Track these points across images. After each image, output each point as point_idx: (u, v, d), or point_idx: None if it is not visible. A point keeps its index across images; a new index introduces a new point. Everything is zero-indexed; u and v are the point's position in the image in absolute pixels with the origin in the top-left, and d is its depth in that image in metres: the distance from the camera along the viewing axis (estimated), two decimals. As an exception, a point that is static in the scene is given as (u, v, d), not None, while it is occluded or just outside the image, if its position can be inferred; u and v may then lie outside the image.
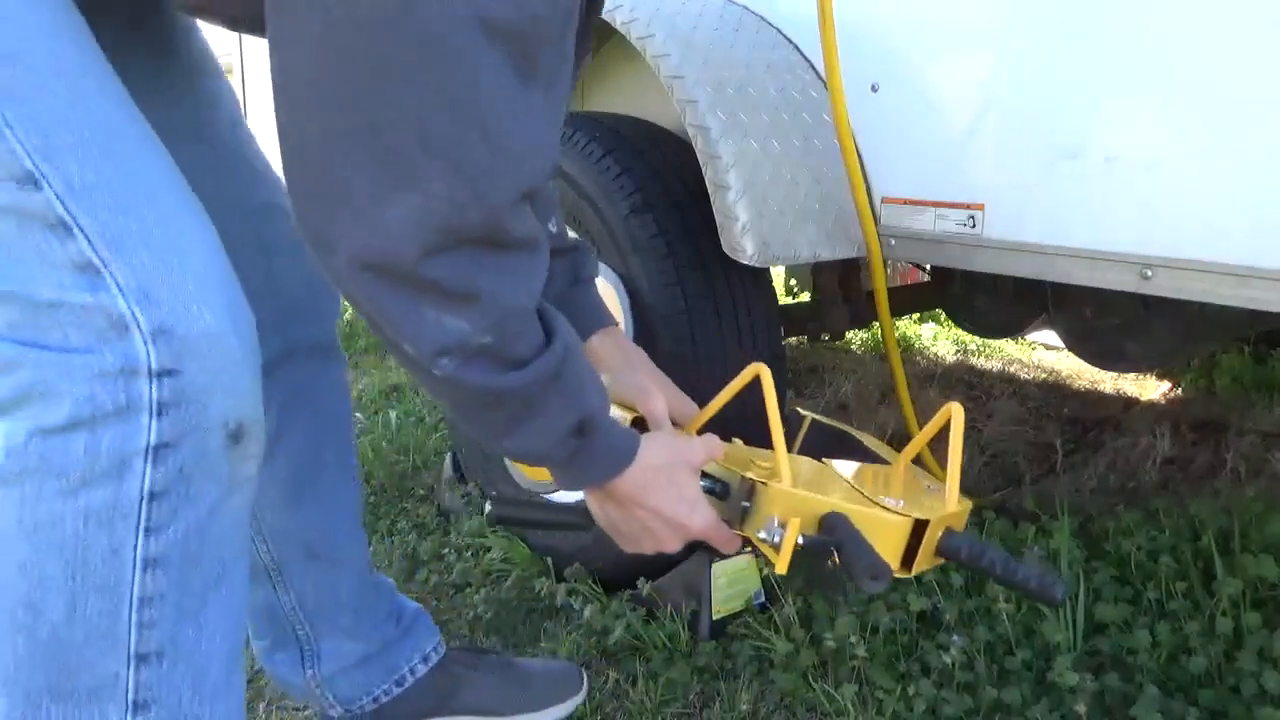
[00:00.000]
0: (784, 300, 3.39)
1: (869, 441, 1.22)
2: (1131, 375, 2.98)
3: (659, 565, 1.55)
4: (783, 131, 1.44)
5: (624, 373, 1.10)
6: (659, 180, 1.54)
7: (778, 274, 3.50)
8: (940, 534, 0.96)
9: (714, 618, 1.50)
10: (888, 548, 0.95)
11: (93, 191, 0.72)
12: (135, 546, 0.75)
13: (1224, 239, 1.12)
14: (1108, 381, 2.98)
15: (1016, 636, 1.39)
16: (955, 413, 1.04)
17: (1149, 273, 1.18)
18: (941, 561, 1.00)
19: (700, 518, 0.95)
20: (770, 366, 1.07)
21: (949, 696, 1.29)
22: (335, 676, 1.24)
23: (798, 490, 0.96)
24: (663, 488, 0.93)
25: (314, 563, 1.19)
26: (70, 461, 0.72)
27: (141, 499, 0.74)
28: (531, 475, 1.76)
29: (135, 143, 0.76)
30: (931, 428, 1.12)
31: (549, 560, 1.74)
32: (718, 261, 1.46)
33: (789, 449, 1.04)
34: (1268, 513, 1.57)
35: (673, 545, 0.97)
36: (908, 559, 0.97)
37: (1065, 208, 1.26)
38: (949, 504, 1.00)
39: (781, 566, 0.93)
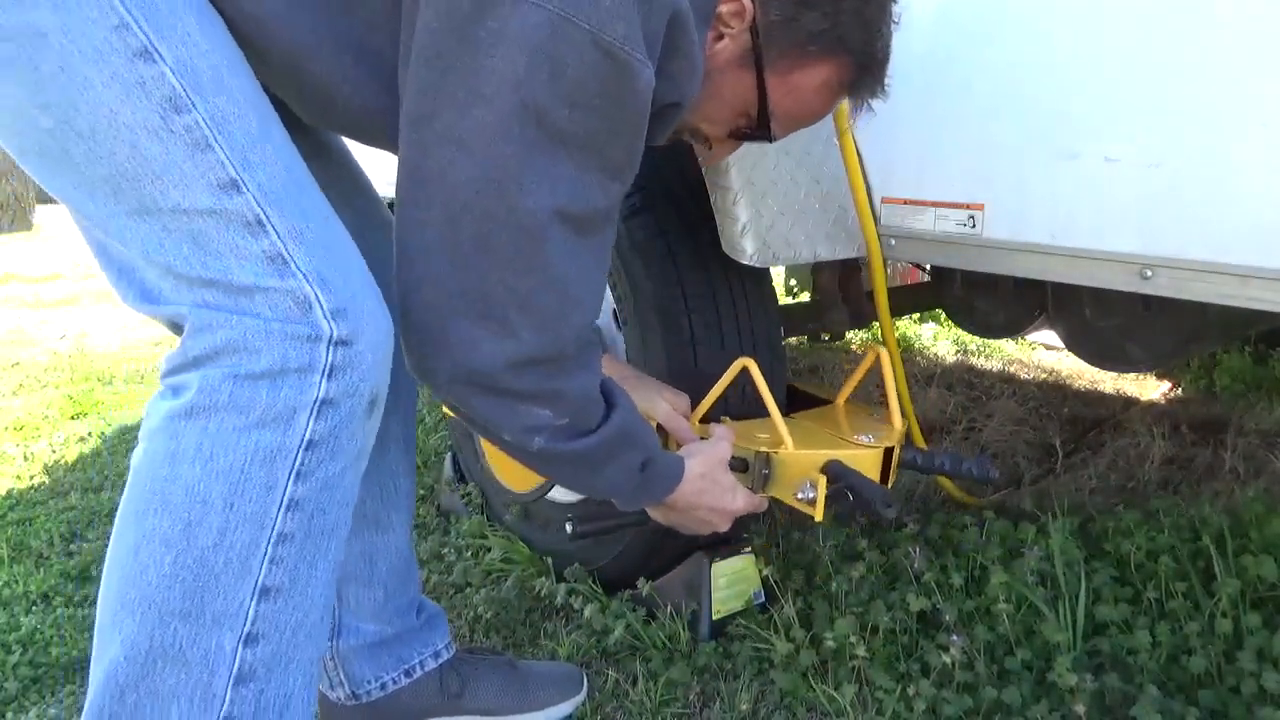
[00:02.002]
0: (784, 300, 3.39)
1: (808, 387, 1.56)
2: (1131, 375, 2.98)
3: (659, 567, 1.56)
4: (783, 131, 1.44)
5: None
6: (659, 180, 1.54)
7: (778, 274, 3.50)
8: (899, 449, 1.29)
9: (714, 618, 1.50)
10: (872, 474, 1.28)
11: (279, 197, 0.87)
12: (285, 487, 0.86)
13: (1224, 239, 1.12)
14: (1108, 381, 2.98)
15: (1016, 636, 1.39)
16: (881, 355, 1.39)
17: (1149, 273, 1.18)
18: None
19: (741, 500, 1.25)
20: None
21: (949, 696, 1.29)
22: (349, 654, 1.27)
23: (802, 451, 1.25)
24: (709, 490, 1.21)
25: (362, 528, 1.25)
26: (253, 403, 0.85)
27: (300, 445, 0.86)
28: (514, 484, 1.80)
29: (297, 160, 0.92)
30: (860, 371, 1.45)
31: (549, 560, 1.74)
32: (718, 261, 1.46)
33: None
34: (1268, 513, 1.57)
35: (724, 526, 1.25)
36: (883, 478, 1.30)
37: (1065, 208, 1.26)
38: (897, 428, 1.33)
39: (820, 516, 1.23)
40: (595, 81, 0.85)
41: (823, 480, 1.23)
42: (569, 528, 1.36)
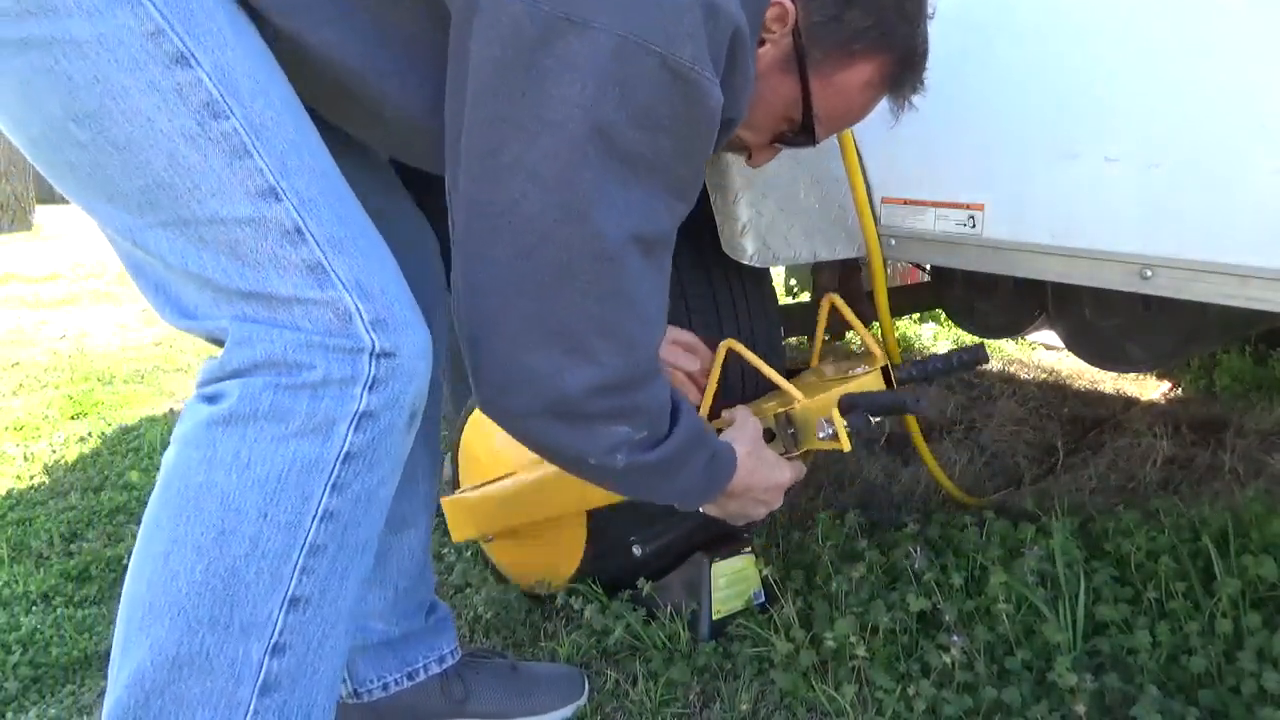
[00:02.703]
0: (784, 300, 3.39)
1: (774, 369, 1.47)
2: (1131, 375, 2.98)
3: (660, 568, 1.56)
4: (783, 131, 1.44)
5: None
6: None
7: (778, 274, 3.50)
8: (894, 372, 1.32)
9: (714, 618, 1.50)
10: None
11: (317, 205, 0.86)
12: (321, 498, 0.86)
13: (1224, 239, 1.12)
14: (1108, 381, 2.98)
15: (1016, 636, 1.39)
16: (835, 300, 1.42)
17: (1149, 273, 1.19)
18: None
19: (789, 471, 1.22)
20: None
21: (949, 696, 1.29)
22: (355, 655, 1.27)
23: (813, 399, 1.27)
24: (759, 469, 1.18)
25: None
26: (293, 413, 0.84)
27: (339, 457, 0.86)
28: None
29: (334, 167, 0.91)
30: (821, 323, 1.49)
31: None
32: (718, 261, 1.46)
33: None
34: (1268, 513, 1.57)
35: (777, 503, 1.22)
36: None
37: (1065, 208, 1.26)
38: (878, 353, 1.36)
39: (847, 445, 1.24)
40: (665, 104, 0.85)
41: (836, 413, 1.25)
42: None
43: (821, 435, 1.27)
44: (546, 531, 1.58)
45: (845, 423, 1.24)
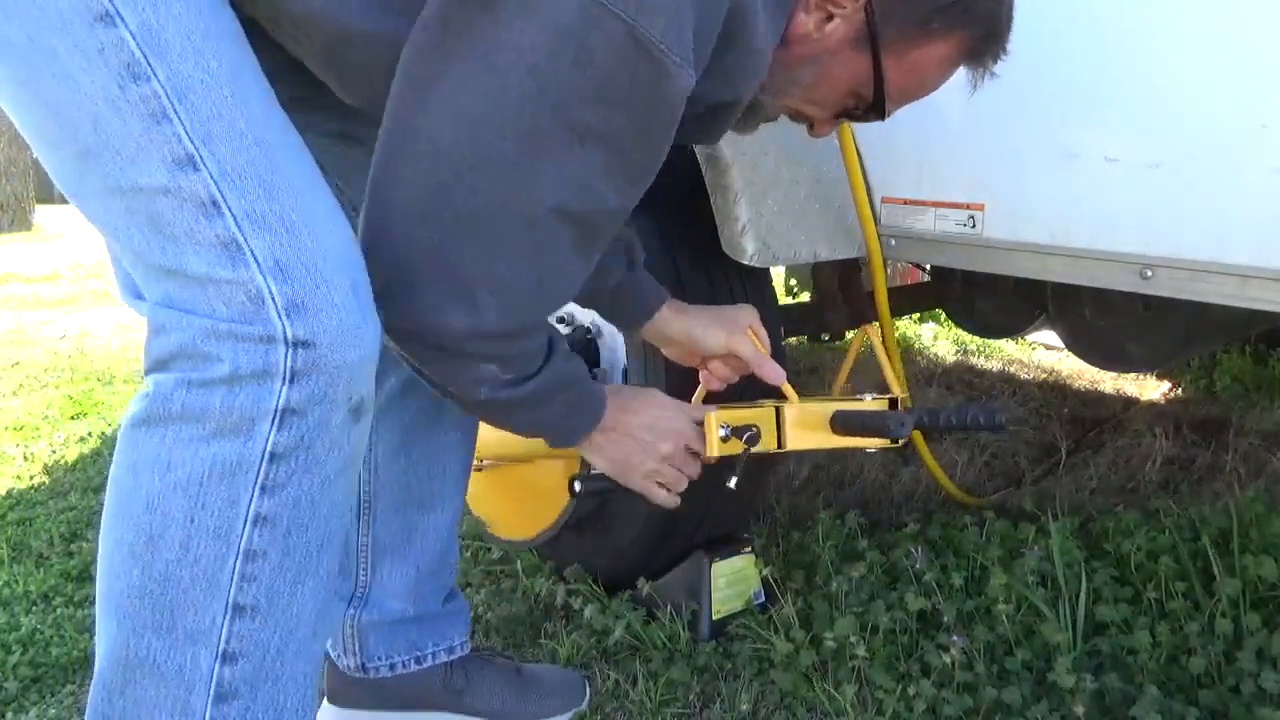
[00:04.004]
0: (784, 300, 3.39)
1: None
2: (1131, 375, 2.98)
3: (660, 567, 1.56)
4: (783, 131, 1.44)
5: (698, 333, 1.22)
6: (659, 180, 1.53)
7: (778, 274, 3.50)
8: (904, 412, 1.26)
9: (714, 618, 1.50)
10: None
11: (242, 176, 0.79)
12: (249, 501, 0.81)
13: (1224, 239, 1.12)
14: (1108, 381, 2.98)
15: (1016, 636, 1.39)
16: (870, 332, 1.40)
17: (1149, 273, 1.18)
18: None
19: (681, 419, 1.13)
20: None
21: (949, 696, 1.29)
22: (369, 627, 1.27)
23: (809, 403, 1.23)
24: (634, 407, 1.11)
25: (406, 504, 1.25)
26: (208, 413, 0.80)
27: (262, 458, 0.80)
28: (511, 533, 1.78)
29: (280, 136, 0.84)
30: (852, 354, 1.44)
31: (549, 560, 1.74)
32: (718, 261, 1.46)
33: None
34: (1268, 513, 1.57)
35: (668, 449, 1.12)
36: None
37: (1065, 208, 1.26)
38: (896, 390, 1.33)
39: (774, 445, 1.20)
40: (625, 78, 0.80)
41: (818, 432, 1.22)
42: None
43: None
44: (531, 480, 1.59)
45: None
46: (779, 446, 1.24)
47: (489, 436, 1.51)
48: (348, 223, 0.86)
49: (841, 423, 1.21)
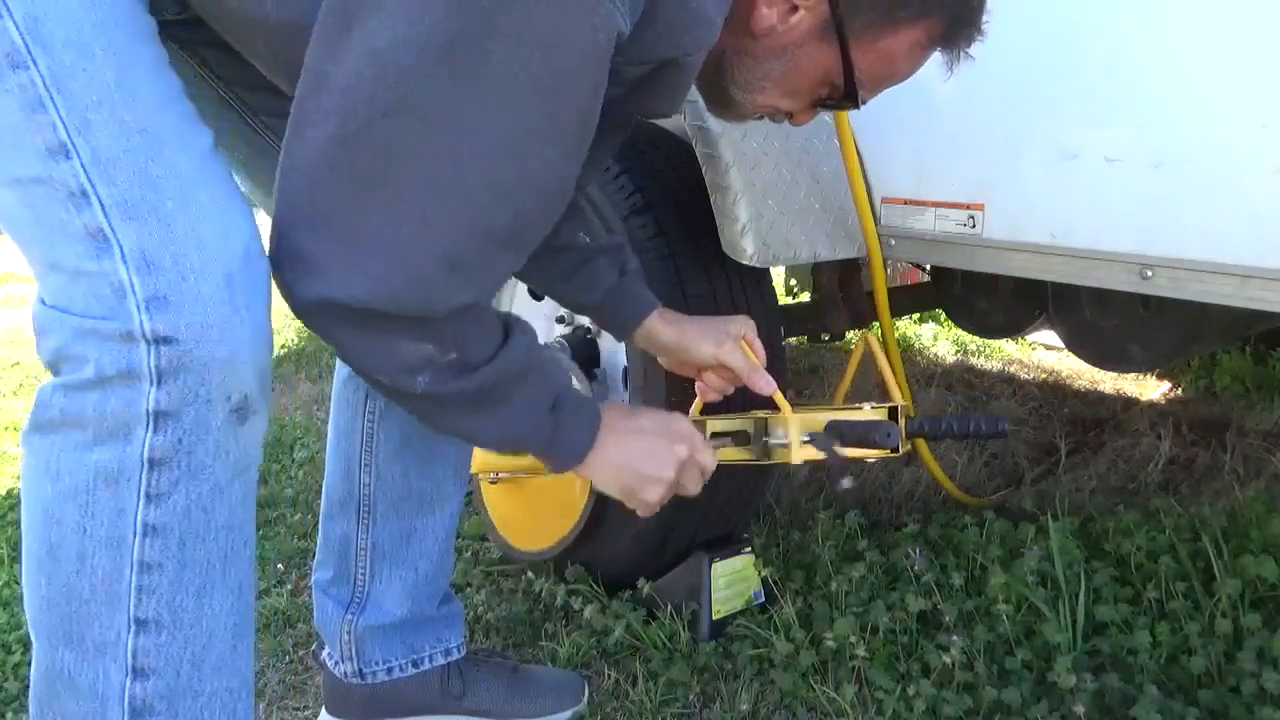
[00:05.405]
0: (784, 300, 3.39)
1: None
2: (1131, 375, 2.98)
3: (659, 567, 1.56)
4: (782, 131, 1.44)
5: (687, 343, 1.19)
6: (659, 180, 1.54)
7: (778, 274, 3.50)
8: (905, 420, 1.22)
9: (714, 618, 1.50)
10: None
11: (117, 164, 0.76)
12: (136, 510, 0.78)
13: (1224, 239, 1.12)
14: (1108, 381, 2.98)
15: (1016, 636, 1.39)
16: (870, 341, 1.34)
17: (1149, 273, 1.18)
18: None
19: (684, 423, 1.07)
20: (770, 367, 1.20)
21: (949, 696, 1.29)
22: (366, 633, 1.27)
23: (801, 412, 1.19)
24: (640, 415, 1.06)
25: (405, 505, 1.24)
26: (84, 418, 0.77)
27: (141, 464, 0.77)
28: (524, 543, 1.77)
29: (175, 123, 0.80)
30: (853, 363, 1.38)
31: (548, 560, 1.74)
32: (718, 261, 1.46)
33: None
34: (1268, 513, 1.57)
35: (670, 463, 1.03)
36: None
37: (1065, 208, 1.26)
38: (897, 398, 1.28)
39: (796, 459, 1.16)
40: (551, 22, 0.75)
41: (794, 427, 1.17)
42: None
43: (773, 441, 1.20)
44: (547, 492, 1.59)
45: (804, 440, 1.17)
46: (767, 459, 1.22)
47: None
48: (243, 213, 0.82)
49: (835, 434, 1.18)
